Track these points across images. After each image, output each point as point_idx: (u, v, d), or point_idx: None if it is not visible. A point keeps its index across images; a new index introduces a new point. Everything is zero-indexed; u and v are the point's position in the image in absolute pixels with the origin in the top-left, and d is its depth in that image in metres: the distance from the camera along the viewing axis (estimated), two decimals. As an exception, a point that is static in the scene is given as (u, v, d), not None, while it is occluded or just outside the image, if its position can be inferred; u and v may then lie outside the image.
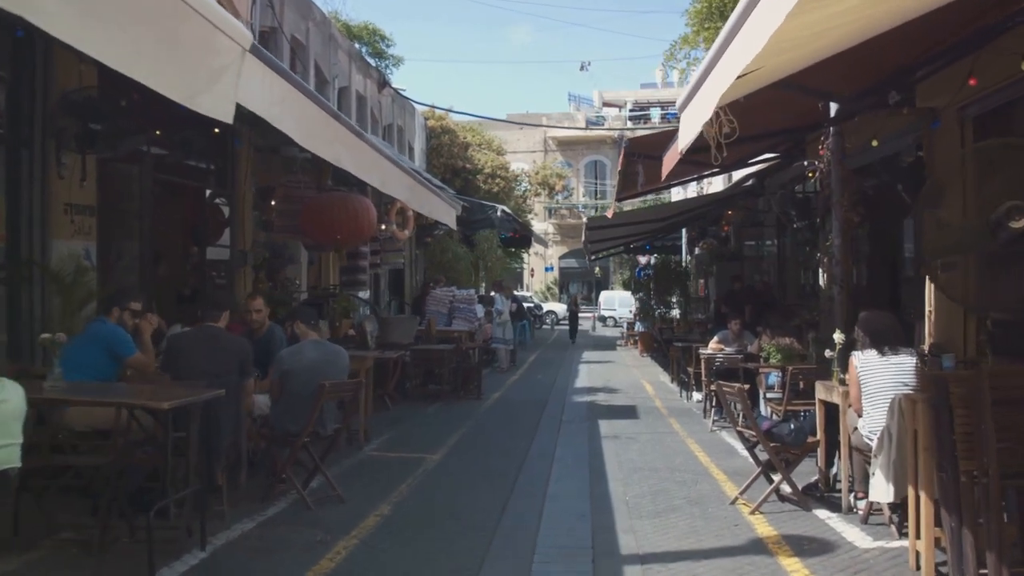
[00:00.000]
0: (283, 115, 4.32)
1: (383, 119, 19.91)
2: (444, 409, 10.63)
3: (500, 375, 15.25)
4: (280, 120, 4.27)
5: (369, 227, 10.51)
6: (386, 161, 7.43)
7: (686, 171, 11.30)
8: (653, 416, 10.18)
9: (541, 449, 7.89)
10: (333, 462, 6.85)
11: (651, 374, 15.54)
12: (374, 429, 8.62)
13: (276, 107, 4.19)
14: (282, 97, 4.19)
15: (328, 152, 5.42)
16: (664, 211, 13.44)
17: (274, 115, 4.15)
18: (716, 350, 9.76)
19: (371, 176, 6.75)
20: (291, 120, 4.50)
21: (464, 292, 14.74)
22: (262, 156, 11.68)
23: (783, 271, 15.55)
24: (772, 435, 5.45)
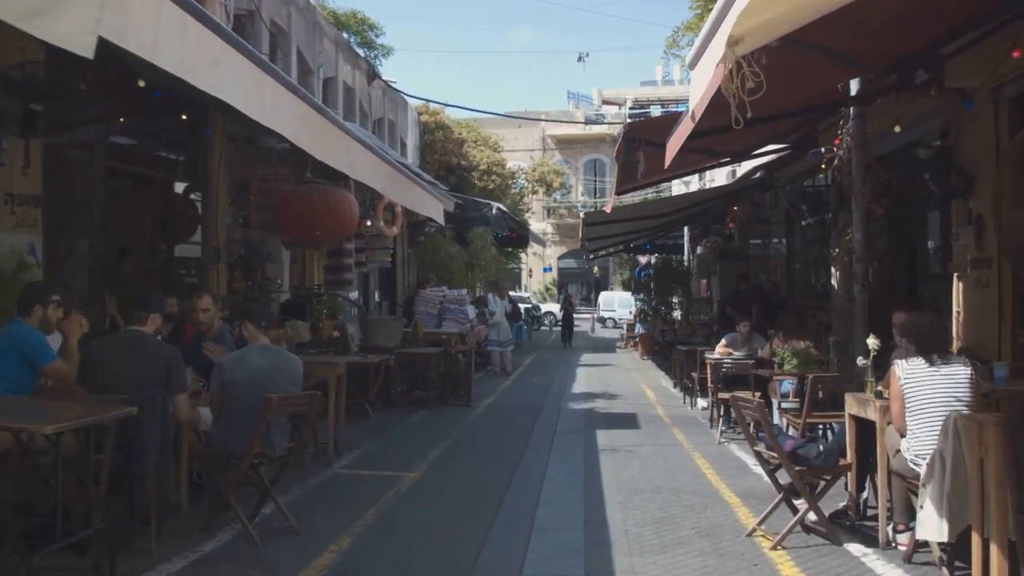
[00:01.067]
0: (201, 64, 3.52)
1: (373, 112, 19.15)
2: (430, 417, 9.85)
3: (494, 379, 14.48)
4: (194, 72, 3.48)
5: (350, 222, 9.74)
6: (356, 143, 6.66)
7: (691, 161, 10.53)
8: (655, 426, 9.40)
9: (532, 465, 7.10)
10: (295, 481, 6.09)
11: (652, 378, 14.77)
12: (349, 441, 7.85)
13: (195, 53, 3.40)
14: (197, 41, 3.40)
15: (272, 119, 4.64)
16: (666, 206, 12.69)
17: (189, 66, 3.36)
18: (724, 354, 8.99)
19: (335, 158, 5.98)
20: (221, 78, 3.72)
21: (455, 292, 13.97)
22: (237, 147, 10.92)
23: (791, 270, 14.79)
24: (797, 457, 4.67)
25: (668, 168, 9.50)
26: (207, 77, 3.81)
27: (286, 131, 5.11)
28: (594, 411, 10.66)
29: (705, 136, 7.92)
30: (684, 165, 10.77)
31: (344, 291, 12.18)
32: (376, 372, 10.17)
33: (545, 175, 25.97)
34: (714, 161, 10.93)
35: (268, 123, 4.73)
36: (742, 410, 5.04)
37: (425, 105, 24.27)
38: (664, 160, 7.65)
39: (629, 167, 9.26)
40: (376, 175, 7.39)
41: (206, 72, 3.75)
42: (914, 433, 4.22)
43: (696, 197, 13.21)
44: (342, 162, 6.18)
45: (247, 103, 4.45)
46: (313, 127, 5.40)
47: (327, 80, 16.04)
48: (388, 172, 7.75)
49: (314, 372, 6.80)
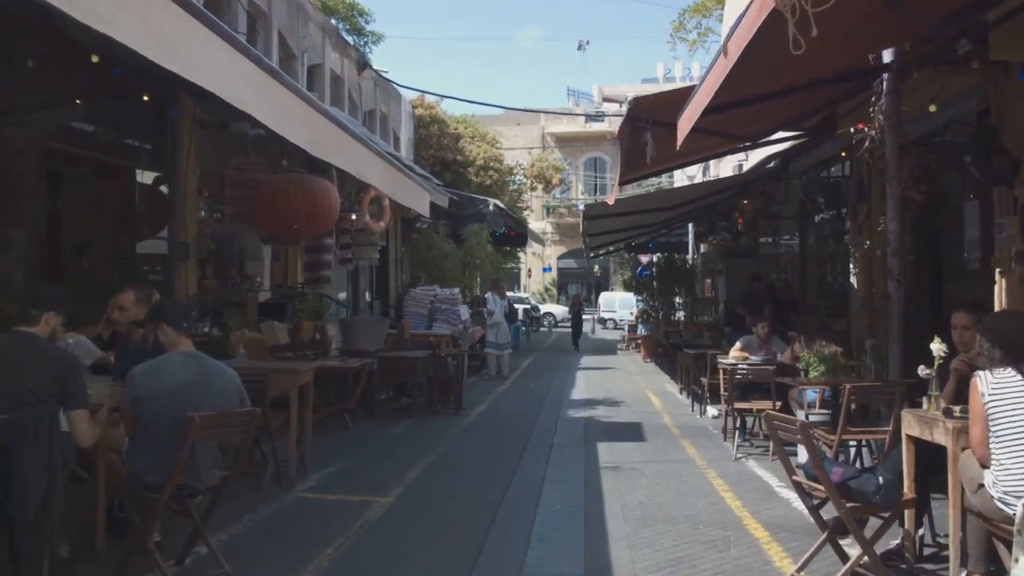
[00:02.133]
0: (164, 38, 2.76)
1: (364, 103, 18.27)
2: (415, 428, 8.97)
3: (489, 383, 13.59)
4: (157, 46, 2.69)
5: (329, 214, 8.87)
6: (318, 115, 5.78)
7: (703, 146, 9.65)
8: (663, 437, 8.51)
9: (524, 488, 6.21)
10: (247, 509, 5.21)
11: (656, 383, 13.88)
12: (320, 457, 6.97)
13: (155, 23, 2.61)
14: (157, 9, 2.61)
15: (209, 79, 3.77)
16: (671, 198, 11.81)
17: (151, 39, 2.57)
18: (739, 359, 8.10)
19: (292, 130, 5.09)
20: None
21: (446, 291, 13.09)
22: (209, 134, 10.06)
23: (804, 268, 13.91)
24: (849, 491, 3.78)
25: (679, 151, 8.64)
26: (170, 52, 3.39)
27: (231, 96, 4.27)
28: (595, 420, 9.77)
29: (721, 112, 7.06)
30: (695, 151, 9.89)
31: (322, 289, 11.29)
32: (355, 378, 9.30)
33: (544, 171, 25.07)
34: (727, 147, 10.04)
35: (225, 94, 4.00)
36: (776, 430, 4.15)
37: (420, 98, 23.41)
38: (675, 141, 6.80)
39: (634, 151, 8.38)
40: (346, 154, 6.50)
41: (170, 46, 3.37)
42: (1001, 464, 3.34)
43: (704, 188, 12.32)
44: (302, 138, 5.30)
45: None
46: (260, 87, 4.53)
47: (312, 67, 15.17)
48: (363, 153, 6.87)
49: (273, 381, 5.92)
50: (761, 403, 7.60)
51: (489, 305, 14.56)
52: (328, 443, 7.88)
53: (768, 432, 4.16)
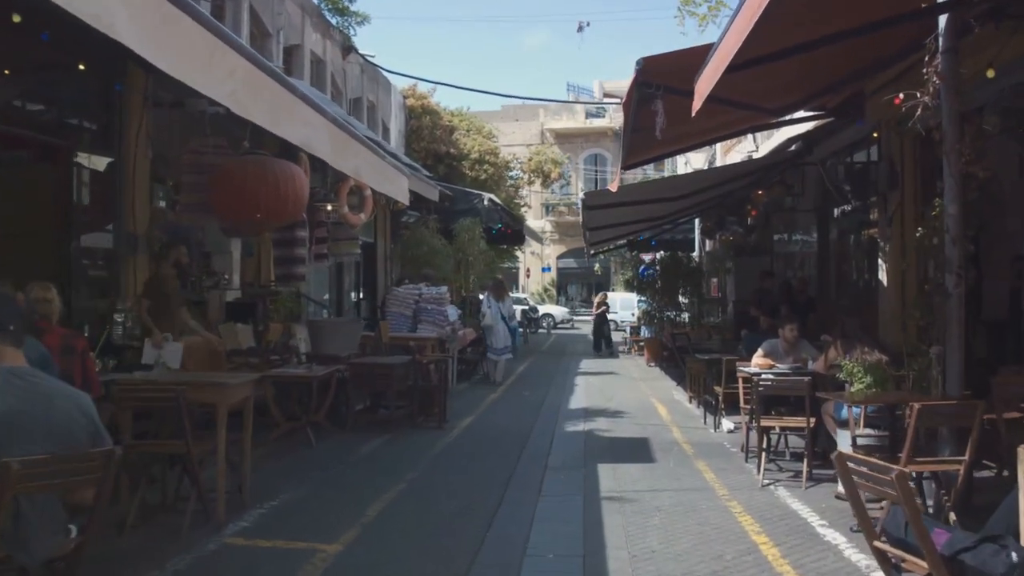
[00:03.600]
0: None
1: (349, 90, 17.13)
2: (388, 446, 7.82)
3: (481, 389, 12.44)
4: None
5: (296, 201, 7.74)
6: (267, 78, 4.66)
7: (720, 123, 8.51)
8: (674, 457, 7.37)
9: (509, 530, 5.07)
10: (154, 565, 4.07)
11: (662, 390, 12.73)
12: (268, 485, 5.84)
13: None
14: None
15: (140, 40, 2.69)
16: (679, 185, 10.67)
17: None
18: (764, 367, 6.95)
19: (210, 83, 3.96)
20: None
21: (432, 291, 11.95)
22: (166, 113, 8.97)
23: (823, 265, 12.78)
24: (964, 570, 2.64)
25: (692, 127, 7.52)
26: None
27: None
28: (596, 435, 8.63)
29: (748, 69, 5.92)
30: (709, 129, 8.74)
31: (295, 287, 10.15)
32: (325, 388, 8.18)
33: (542, 164, 23.91)
34: (745, 123, 8.90)
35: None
36: (851, 476, 2.98)
37: (412, 88, 22.28)
38: (689, 110, 5.70)
39: (641, 128, 7.25)
40: (301, 127, 5.36)
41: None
42: None
43: (716, 175, 11.18)
44: (222, 91, 4.15)
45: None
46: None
47: (290, 48, 14.02)
48: (319, 122, 5.71)
49: (196, 398, 4.79)
50: (793, 419, 6.46)
51: (483, 306, 13.42)
52: (283, 465, 6.76)
53: (841, 478, 3.00)
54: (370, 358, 9.03)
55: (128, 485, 4.82)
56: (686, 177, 12.86)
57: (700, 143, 9.24)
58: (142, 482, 4.82)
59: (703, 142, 9.35)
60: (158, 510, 5.16)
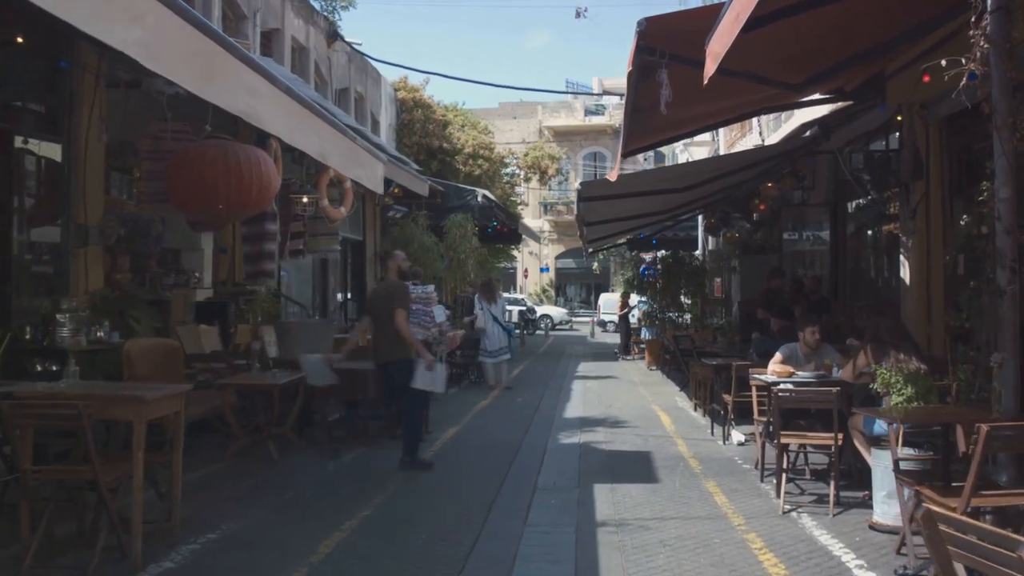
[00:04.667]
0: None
1: (335, 81, 16.32)
2: (359, 462, 7.00)
3: (472, 396, 11.62)
4: None
5: (263, 190, 6.95)
6: (193, 30, 3.86)
7: (733, 105, 7.71)
8: (681, 475, 6.54)
9: (486, 572, 4.25)
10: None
11: (664, 395, 11.92)
12: (211, 512, 5.04)
13: None
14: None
15: None
16: (683, 175, 9.84)
17: None
18: (783, 374, 6.13)
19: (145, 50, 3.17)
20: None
21: (419, 290, 11.09)
22: (119, 94, 8.18)
23: (837, 262, 11.98)
24: None
25: (701, 99, 6.72)
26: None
27: None
28: (593, 448, 7.81)
29: (768, 25, 5.14)
30: (718, 112, 7.94)
31: (265, 284, 9.34)
32: (292, 396, 7.37)
33: (539, 160, 23.09)
34: (759, 105, 8.07)
35: None
36: (948, 546, 2.12)
37: (403, 80, 21.47)
38: (697, 85, 4.93)
39: (642, 109, 6.45)
40: (249, 99, 4.57)
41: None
42: None
43: (723, 163, 10.35)
44: (126, 38, 3.35)
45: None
46: None
47: (269, 32, 13.21)
48: (275, 95, 4.92)
49: (107, 414, 3.98)
50: (818, 435, 5.64)
51: (474, 309, 12.60)
52: (236, 487, 5.94)
53: (929, 544, 2.14)
54: (343, 363, 8.19)
55: (29, 517, 4.01)
56: (690, 166, 12.04)
57: (706, 127, 8.44)
58: (46, 514, 4.00)
59: (709, 126, 8.55)
60: (73, 544, 4.35)
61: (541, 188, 30.93)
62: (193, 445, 7.27)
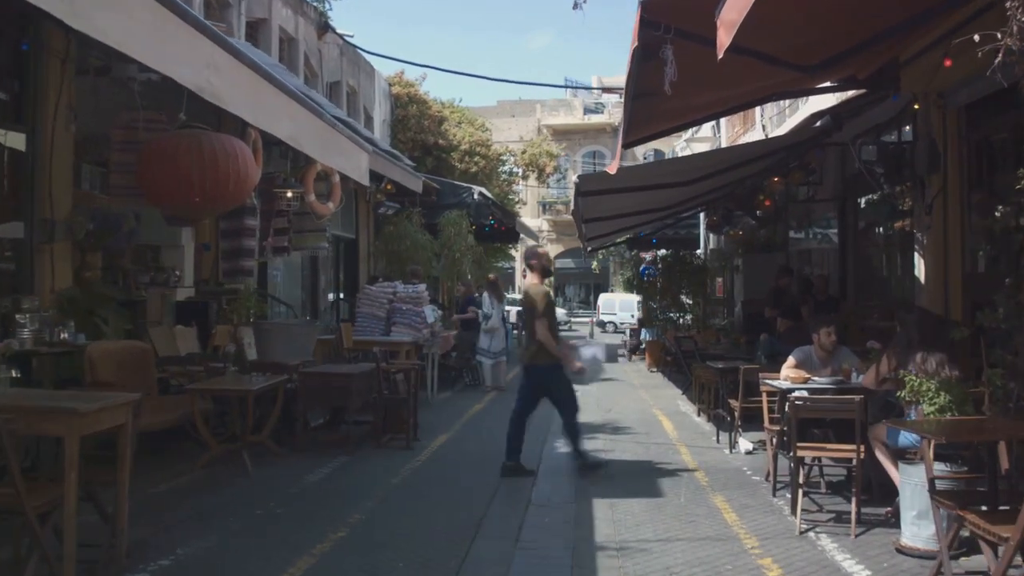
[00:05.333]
0: None
1: (326, 74, 15.82)
2: (339, 474, 6.50)
3: (464, 400, 11.14)
4: None
5: (240, 182, 6.51)
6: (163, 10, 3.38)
7: (739, 93, 7.22)
8: (686, 488, 6.06)
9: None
10: None
11: (666, 400, 11.43)
12: (172, 532, 4.55)
13: None
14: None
15: None
16: (686, 168, 9.35)
17: None
18: (797, 380, 5.64)
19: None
20: None
21: (409, 289, 10.64)
22: (97, 83, 7.70)
23: (845, 260, 11.50)
24: None
25: (707, 84, 6.25)
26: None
27: None
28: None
29: None
30: (723, 100, 7.44)
31: (244, 283, 8.85)
32: (270, 402, 6.89)
33: (536, 158, 22.60)
34: (768, 91, 7.57)
35: None
36: None
37: (398, 75, 20.96)
38: (703, 67, 4.47)
39: (646, 89, 5.95)
40: (174, 50, 4.06)
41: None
42: None
43: (728, 156, 9.86)
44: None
45: None
46: None
47: (255, 22, 12.72)
48: (208, 53, 4.40)
49: (34, 428, 3.49)
50: (838, 448, 5.16)
51: (485, 307, 12.10)
52: (201, 502, 5.44)
53: None
54: (325, 367, 7.73)
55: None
56: (693, 159, 11.54)
57: (711, 115, 7.95)
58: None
59: (715, 114, 8.05)
60: (7, 574, 3.87)
61: (539, 186, 30.45)
62: (166, 454, 6.79)
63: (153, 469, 6.24)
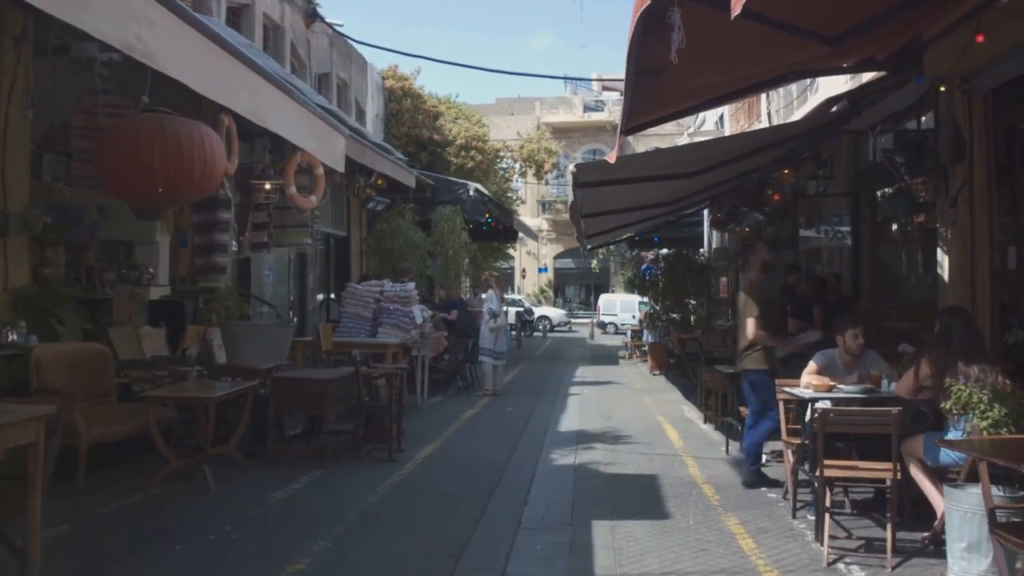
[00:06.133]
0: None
1: (315, 64, 15.21)
2: (311, 491, 5.88)
3: (454, 406, 10.53)
4: None
5: (208, 171, 5.94)
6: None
7: (750, 74, 6.60)
8: (695, 507, 5.44)
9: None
10: None
11: (669, 405, 10.83)
12: (99, 567, 3.93)
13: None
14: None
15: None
16: (691, 158, 8.73)
17: None
18: (821, 388, 5.02)
19: None
20: None
21: (397, 287, 10.02)
22: (48, 65, 7.12)
23: (859, 258, 10.88)
24: None
25: (722, 51, 5.63)
26: None
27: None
28: (590, 471, 6.70)
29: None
30: (732, 81, 6.81)
31: (214, 281, 8.24)
32: (238, 410, 6.28)
33: (534, 154, 22.00)
34: (784, 66, 6.92)
35: None
36: None
37: (392, 69, 20.37)
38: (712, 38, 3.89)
39: (650, 66, 5.34)
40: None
41: None
42: None
43: (736, 144, 9.22)
44: None
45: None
46: None
47: (237, 8, 12.10)
48: (166, 21, 3.80)
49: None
50: (872, 466, 4.54)
51: (490, 305, 11.46)
52: (149, 526, 4.82)
53: None
54: (299, 371, 7.10)
55: None
56: (700, 146, 10.93)
57: (720, 97, 7.32)
58: None
59: (725, 96, 7.41)
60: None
61: (538, 183, 29.83)
62: (124, 467, 6.19)
63: (107, 485, 5.64)
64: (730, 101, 10.56)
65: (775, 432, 5.91)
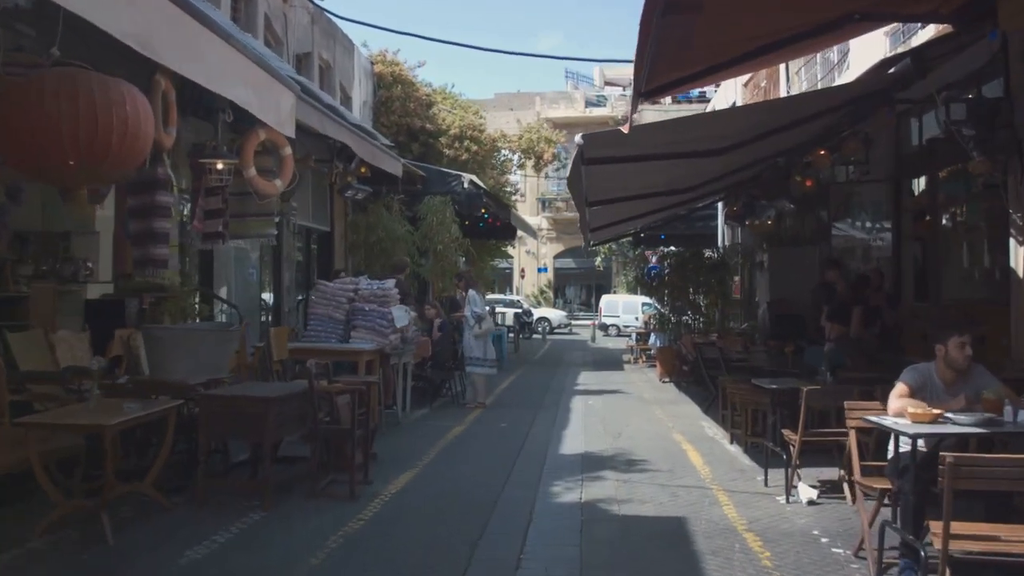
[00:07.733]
0: None
1: (293, 43, 13.89)
2: (242, 542, 4.54)
3: (442, 421, 9.20)
4: None
5: (128, 138, 4.71)
6: None
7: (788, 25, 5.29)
8: (740, 569, 4.11)
9: None
10: None
11: (686, 419, 9.48)
12: None
13: None
14: None
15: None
16: (718, 128, 7.35)
17: None
18: (923, 418, 3.68)
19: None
20: None
21: (374, 286, 8.68)
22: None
23: (900, 253, 9.60)
24: None
25: None
26: None
27: None
28: (600, 513, 5.35)
29: None
30: (779, 31, 5.48)
31: (153, 275, 6.88)
32: (155, 434, 4.95)
33: (534, 144, 20.68)
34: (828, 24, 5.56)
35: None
36: None
37: (382, 54, 19.05)
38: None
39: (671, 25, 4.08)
40: None
41: None
42: None
43: (774, 110, 7.78)
44: None
45: None
46: None
47: (201, -28, 10.76)
48: None
49: None
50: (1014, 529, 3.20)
51: (473, 308, 10.10)
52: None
53: None
54: (236, 387, 5.74)
55: None
56: (730, 114, 9.60)
57: (763, 49, 5.97)
58: None
59: (768, 47, 6.05)
60: None
61: (537, 177, 28.49)
62: (16, 508, 4.89)
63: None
64: (767, 62, 9.15)
65: None
